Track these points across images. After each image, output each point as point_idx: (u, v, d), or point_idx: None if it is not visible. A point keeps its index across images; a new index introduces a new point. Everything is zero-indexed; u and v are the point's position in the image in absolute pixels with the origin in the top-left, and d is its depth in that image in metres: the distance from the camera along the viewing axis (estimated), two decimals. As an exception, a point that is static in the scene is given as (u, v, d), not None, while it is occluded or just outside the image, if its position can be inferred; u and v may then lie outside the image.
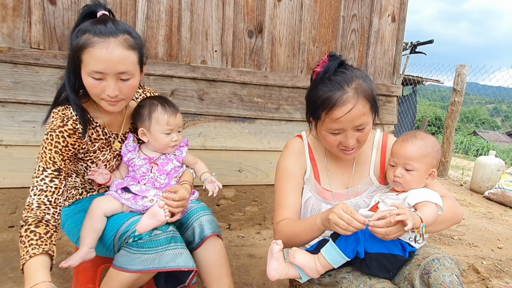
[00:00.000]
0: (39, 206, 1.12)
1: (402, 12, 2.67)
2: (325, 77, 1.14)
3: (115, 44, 1.10)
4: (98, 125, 1.31)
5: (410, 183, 1.17)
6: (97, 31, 1.10)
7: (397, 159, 1.18)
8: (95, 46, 1.09)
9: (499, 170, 4.61)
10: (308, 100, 1.21)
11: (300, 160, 1.33)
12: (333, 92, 1.11)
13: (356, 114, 1.11)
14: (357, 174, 1.34)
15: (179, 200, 1.26)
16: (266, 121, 2.47)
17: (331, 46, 2.54)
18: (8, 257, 1.91)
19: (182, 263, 1.18)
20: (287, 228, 1.23)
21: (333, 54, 1.19)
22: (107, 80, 1.13)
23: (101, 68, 1.10)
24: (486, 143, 12.25)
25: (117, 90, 1.15)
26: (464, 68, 5.35)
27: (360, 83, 1.13)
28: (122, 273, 1.16)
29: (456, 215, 1.22)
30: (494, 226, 3.23)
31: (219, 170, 2.41)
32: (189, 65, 2.22)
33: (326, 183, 1.32)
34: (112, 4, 2.03)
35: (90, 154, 1.31)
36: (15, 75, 1.92)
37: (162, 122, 1.33)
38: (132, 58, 1.15)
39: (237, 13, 2.29)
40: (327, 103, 1.11)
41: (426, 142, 1.17)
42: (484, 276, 2.19)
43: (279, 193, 1.31)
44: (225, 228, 2.55)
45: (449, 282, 0.99)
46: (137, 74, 1.21)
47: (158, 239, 1.18)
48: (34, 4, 1.90)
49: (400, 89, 2.78)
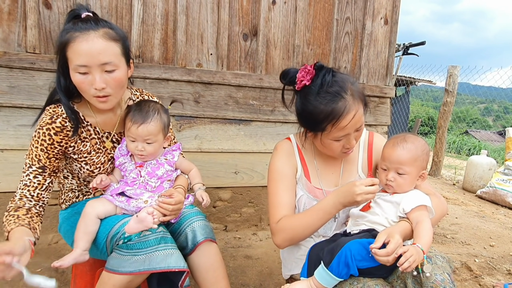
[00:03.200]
0: (21, 198, 1.19)
1: (395, 15, 2.71)
2: (322, 90, 1.14)
3: (94, 36, 1.13)
4: (90, 124, 1.32)
5: (402, 186, 1.19)
6: (78, 28, 1.14)
7: (389, 163, 1.20)
8: (76, 41, 1.12)
9: (490, 169, 4.68)
10: (306, 114, 1.19)
11: (290, 160, 1.35)
12: (335, 103, 1.13)
13: (358, 118, 1.16)
14: (346, 172, 1.37)
15: (175, 204, 1.27)
16: (262, 123, 2.49)
17: (325, 49, 2.57)
18: (4, 262, 1.90)
19: (173, 264, 1.17)
20: (292, 223, 1.24)
21: (320, 65, 1.18)
22: (92, 73, 1.15)
23: (83, 61, 1.12)
24: (478, 142, 12.40)
25: (103, 83, 1.16)
26: (455, 69, 5.43)
27: (352, 87, 1.16)
28: (114, 275, 1.16)
29: (442, 211, 1.26)
30: (486, 224, 3.29)
31: (215, 172, 2.42)
32: (184, 68, 2.24)
33: (317, 182, 1.35)
34: (108, 9, 2.04)
35: (84, 155, 1.31)
36: (10, 79, 1.92)
37: (127, 127, 1.32)
38: (114, 49, 1.17)
39: (232, 17, 2.31)
40: (333, 116, 1.13)
41: (416, 145, 1.19)
42: (476, 273, 2.23)
43: (273, 194, 1.32)
44: (221, 230, 2.56)
45: (440, 280, 1.01)
46: (123, 67, 1.21)
47: (148, 240, 1.18)
48: (29, 9, 1.90)
49: (393, 91, 2.82)
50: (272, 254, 2.29)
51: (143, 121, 1.29)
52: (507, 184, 4.11)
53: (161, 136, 1.36)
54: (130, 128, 1.30)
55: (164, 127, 1.36)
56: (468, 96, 11.86)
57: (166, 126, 1.37)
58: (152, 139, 1.32)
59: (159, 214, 1.24)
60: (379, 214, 1.19)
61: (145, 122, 1.29)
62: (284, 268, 1.45)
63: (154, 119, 1.31)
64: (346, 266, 1.04)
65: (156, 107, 1.34)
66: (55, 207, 2.14)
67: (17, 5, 1.89)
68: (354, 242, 1.07)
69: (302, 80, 1.17)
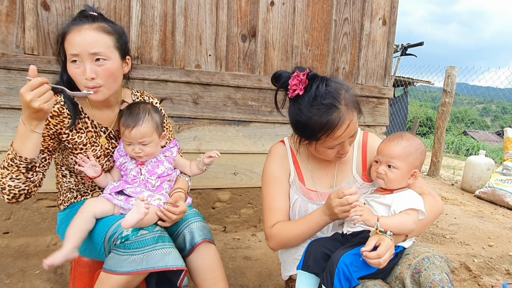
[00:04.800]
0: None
1: (393, 16, 2.72)
2: (316, 101, 1.13)
3: (87, 28, 1.20)
4: (87, 116, 1.35)
5: (392, 180, 1.21)
6: (75, 22, 1.22)
7: (381, 156, 1.23)
8: (70, 33, 1.20)
9: (489, 169, 4.69)
10: (300, 125, 1.19)
11: (283, 164, 1.36)
12: (330, 114, 1.12)
13: (352, 126, 1.17)
14: (341, 173, 1.37)
15: (179, 214, 1.29)
16: (260, 124, 2.49)
17: (324, 49, 2.57)
18: (3, 264, 1.90)
19: (170, 263, 1.18)
20: (285, 231, 1.27)
21: (313, 74, 1.17)
22: (83, 63, 1.20)
23: (75, 50, 1.19)
24: (477, 142, 12.44)
25: (93, 73, 1.21)
26: (453, 70, 5.45)
27: (346, 95, 1.16)
28: (112, 276, 1.16)
29: (437, 211, 1.27)
30: (484, 224, 3.29)
31: (214, 173, 2.42)
32: (183, 70, 2.24)
33: (311, 184, 1.35)
34: (106, 10, 2.04)
35: (80, 146, 1.33)
36: (9, 80, 1.92)
37: (121, 132, 1.35)
38: (105, 41, 1.22)
39: (230, 18, 2.32)
40: (327, 127, 1.13)
41: (410, 143, 1.22)
42: (475, 273, 2.24)
43: (267, 198, 1.34)
44: (220, 231, 2.56)
45: (439, 280, 1.02)
46: (115, 59, 1.26)
47: (145, 239, 1.18)
48: (27, 10, 1.90)
49: (392, 91, 2.82)
50: (271, 255, 2.29)
51: (135, 124, 1.31)
52: (505, 184, 4.12)
53: (156, 135, 1.37)
54: (123, 133, 1.32)
55: (157, 127, 1.37)
56: (466, 97, 11.90)
57: (159, 125, 1.38)
58: (147, 140, 1.33)
59: (153, 208, 1.24)
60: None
61: (137, 125, 1.31)
62: (283, 269, 1.45)
63: (146, 121, 1.32)
64: (347, 280, 1.06)
65: (146, 108, 1.36)
66: (53, 209, 2.14)
67: (15, 6, 1.89)
68: (347, 255, 1.09)
69: (295, 89, 1.16)
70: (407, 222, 1.11)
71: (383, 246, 1.03)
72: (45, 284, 1.80)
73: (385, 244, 1.04)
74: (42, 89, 1.02)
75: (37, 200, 2.12)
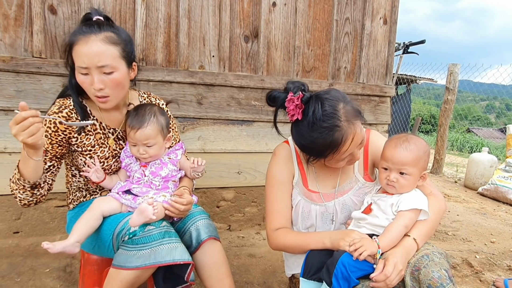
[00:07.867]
0: None
1: (394, 15, 2.74)
2: (315, 126, 1.13)
3: (94, 40, 1.20)
4: (96, 118, 1.38)
5: (405, 186, 1.20)
6: (82, 31, 1.22)
7: (391, 164, 1.20)
8: (78, 43, 1.21)
9: (492, 166, 4.69)
10: (306, 148, 1.21)
11: (288, 166, 1.37)
12: (332, 135, 1.12)
13: (357, 138, 1.16)
14: (343, 173, 1.38)
15: (186, 204, 1.31)
16: (264, 123, 2.52)
17: (325, 49, 2.60)
18: (13, 263, 1.95)
19: (178, 257, 1.20)
20: (288, 239, 1.31)
21: (306, 98, 1.16)
22: (91, 74, 1.22)
23: (83, 63, 1.21)
24: (480, 140, 12.38)
25: (101, 84, 1.23)
26: (456, 67, 5.44)
27: (345, 108, 1.14)
28: (121, 271, 1.18)
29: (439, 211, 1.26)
30: (487, 221, 3.31)
31: (218, 173, 2.46)
32: (187, 71, 2.28)
33: (314, 185, 1.36)
34: (112, 13, 2.08)
35: (88, 147, 1.36)
36: (17, 83, 1.97)
37: (127, 132, 1.37)
38: (111, 52, 1.23)
39: (233, 19, 2.35)
40: (332, 146, 1.14)
41: (418, 146, 1.20)
42: (477, 269, 2.26)
43: (271, 200, 1.36)
44: (225, 229, 2.60)
45: (437, 277, 1.03)
46: (122, 69, 1.27)
47: (152, 234, 1.21)
48: (35, 14, 1.94)
49: (393, 90, 2.84)
50: (275, 253, 2.32)
51: (140, 126, 1.33)
52: (508, 181, 4.13)
53: (160, 137, 1.39)
54: (129, 134, 1.35)
55: (162, 129, 1.39)
56: (470, 94, 11.85)
57: (164, 127, 1.39)
58: (151, 142, 1.35)
59: (160, 206, 1.26)
60: (379, 216, 1.21)
61: (141, 127, 1.33)
62: (286, 267, 1.48)
63: (151, 123, 1.34)
64: (346, 280, 1.08)
65: (152, 110, 1.37)
66: (63, 208, 2.19)
67: (23, 11, 1.93)
68: (346, 256, 1.11)
69: (294, 114, 1.17)
70: (401, 230, 1.15)
71: (390, 266, 1.05)
72: (55, 282, 1.84)
73: (390, 263, 1.06)
74: (26, 123, 0.98)
75: (46, 201, 2.16)
